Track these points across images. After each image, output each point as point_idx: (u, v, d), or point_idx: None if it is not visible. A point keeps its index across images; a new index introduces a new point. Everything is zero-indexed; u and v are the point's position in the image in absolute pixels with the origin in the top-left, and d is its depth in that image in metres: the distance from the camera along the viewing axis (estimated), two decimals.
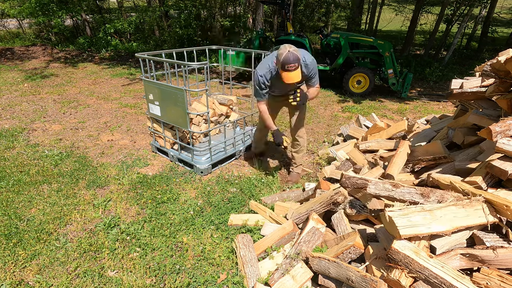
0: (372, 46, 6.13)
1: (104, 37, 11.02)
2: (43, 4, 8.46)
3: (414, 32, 10.38)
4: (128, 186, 3.01)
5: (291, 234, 2.15)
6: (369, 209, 2.06)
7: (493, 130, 1.74)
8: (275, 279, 1.82)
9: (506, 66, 1.92)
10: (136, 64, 9.24)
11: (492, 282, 1.40)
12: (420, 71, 8.29)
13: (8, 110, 5.14)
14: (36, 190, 2.91)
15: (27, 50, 9.98)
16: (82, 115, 5.02)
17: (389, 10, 13.80)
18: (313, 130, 4.56)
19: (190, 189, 3.00)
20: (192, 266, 2.10)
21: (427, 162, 2.43)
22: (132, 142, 4.03)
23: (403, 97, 6.28)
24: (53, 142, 3.95)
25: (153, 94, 3.19)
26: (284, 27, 6.62)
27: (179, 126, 3.16)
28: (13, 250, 2.20)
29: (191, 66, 3.00)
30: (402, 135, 3.22)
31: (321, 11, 14.04)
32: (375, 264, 1.66)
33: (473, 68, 3.12)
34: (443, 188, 1.84)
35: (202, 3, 9.73)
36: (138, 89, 6.61)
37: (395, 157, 2.52)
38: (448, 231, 1.52)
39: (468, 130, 2.43)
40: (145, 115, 4.95)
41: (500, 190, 1.74)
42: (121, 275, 2.02)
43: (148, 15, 10.41)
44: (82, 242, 2.29)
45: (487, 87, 2.33)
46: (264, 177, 3.21)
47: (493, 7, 9.82)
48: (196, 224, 2.49)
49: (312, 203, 2.26)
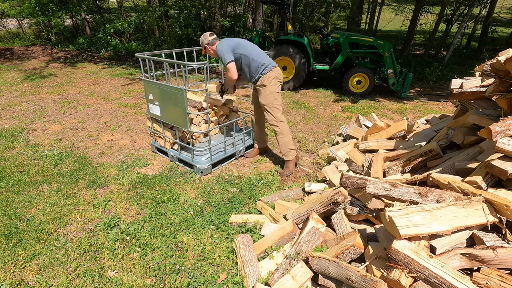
0: (372, 46, 6.13)
1: (104, 37, 11.02)
2: (43, 4, 8.46)
3: (414, 32, 10.38)
4: (128, 186, 3.01)
5: (291, 234, 2.15)
6: (369, 209, 2.07)
7: (493, 130, 1.74)
8: (275, 279, 1.82)
9: (506, 66, 1.92)
10: (136, 64, 9.23)
11: (492, 282, 1.40)
12: (420, 71, 8.29)
13: (8, 110, 5.13)
14: (36, 190, 2.91)
15: (27, 50, 9.98)
16: (82, 115, 5.02)
17: (389, 10, 13.80)
18: (313, 130, 4.56)
19: (190, 189, 3.00)
20: (192, 266, 2.10)
21: (415, 160, 2.46)
22: (132, 142, 4.03)
23: (403, 97, 6.28)
24: (53, 142, 3.95)
25: (153, 94, 3.19)
26: (284, 27, 6.62)
27: (179, 126, 3.16)
28: (13, 250, 2.20)
29: (191, 66, 3.00)
30: (402, 135, 3.22)
31: (321, 11, 14.04)
32: (375, 264, 1.66)
33: (473, 68, 3.12)
34: (442, 188, 1.84)
35: (202, 3, 9.73)
36: (138, 89, 6.61)
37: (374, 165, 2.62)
38: (448, 231, 1.52)
39: (468, 130, 2.43)
40: (145, 115, 4.95)
41: (500, 190, 1.74)
42: (121, 275, 2.02)
43: (148, 15, 10.41)
44: (82, 242, 2.29)
45: (487, 87, 2.33)
46: (264, 177, 3.21)
47: (493, 7, 9.83)
48: (196, 224, 2.49)
49: (312, 203, 2.27)
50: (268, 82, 2.95)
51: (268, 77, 2.94)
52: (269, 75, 2.94)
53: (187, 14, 9.96)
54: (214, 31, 9.98)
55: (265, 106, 3.04)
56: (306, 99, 6.14)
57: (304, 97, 6.31)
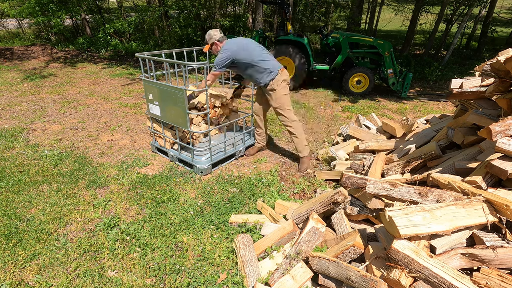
0: (371, 46, 6.13)
1: (104, 37, 11.01)
2: (43, 4, 8.45)
3: (414, 32, 10.38)
4: (128, 186, 3.01)
5: (291, 234, 2.15)
6: (369, 208, 2.07)
7: (493, 129, 1.74)
8: (275, 279, 1.82)
9: (506, 65, 1.92)
10: (136, 64, 9.23)
11: (492, 282, 1.40)
12: (420, 70, 8.29)
13: (7, 110, 5.13)
14: (36, 190, 2.91)
15: (27, 50, 9.97)
16: (82, 115, 5.02)
17: (389, 10, 13.80)
18: (313, 130, 4.56)
19: (190, 189, 3.00)
20: (192, 266, 2.10)
21: (416, 161, 2.46)
22: (132, 142, 4.03)
23: (403, 96, 6.28)
24: (53, 142, 3.95)
25: (153, 94, 3.19)
26: (284, 26, 6.62)
27: (179, 126, 3.16)
28: (13, 250, 2.20)
29: (191, 66, 3.00)
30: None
31: (321, 10, 14.04)
32: (375, 264, 1.66)
33: (473, 67, 3.12)
34: (442, 188, 1.84)
35: (202, 3, 9.72)
36: (138, 89, 6.61)
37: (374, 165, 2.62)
38: (448, 231, 1.52)
39: (468, 130, 2.43)
40: (145, 115, 4.95)
41: (500, 190, 1.74)
42: (121, 275, 2.02)
43: (148, 15, 10.40)
44: (82, 242, 2.29)
45: (487, 87, 2.33)
46: (264, 177, 3.21)
47: (492, 7, 9.83)
48: (196, 224, 2.49)
49: (312, 203, 2.27)
50: (277, 86, 3.02)
51: (277, 81, 3.01)
52: (277, 79, 3.01)
53: (187, 14, 9.95)
54: None
55: (277, 109, 3.12)
56: (306, 99, 6.14)
57: (304, 97, 6.31)
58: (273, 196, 2.84)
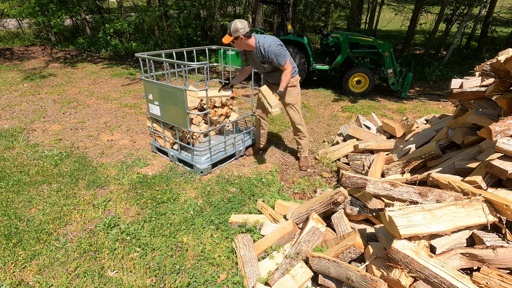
0: (371, 46, 6.13)
1: (104, 37, 11.02)
2: (43, 4, 8.46)
3: (414, 32, 10.38)
4: (128, 186, 3.01)
5: (291, 234, 2.15)
6: (369, 208, 2.07)
7: (493, 129, 1.74)
8: (275, 279, 1.82)
9: (506, 65, 1.92)
10: (136, 64, 9.23)
11: (492, 282, 1.40)
12: (420, 70, 8.29)
13: (7, 110, 5.13)
14: (36, 190, 2.91)
15: (27, 50, 9.98)
16: (82, 115, 5.02)
17: (389, 10, 13.81)
18: (313, 130, 4.56)
19: (190, 189, 3.00)
20: (192, 266, 2.10)
21: (416, 161, 2.46)
22: (132, 142, 4.03)
23: (403, 96, 6.28)
24: (53, 142, 3.95)
25: (153, 94, 3.19)
26: (284, 26, 6.62)
27: (179, 126, 3.16)
28: (13, 250, 2.20)
29: (191, 66, 3.00)
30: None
31: (320, 10, 14.04)
32: (375, 264, 1.66)
33: (473, 67, 3.12)
34: (442, 188, 1.84)
35: (202, 3, 9.72)
36: (138, 89, 6.61)
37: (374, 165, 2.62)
38: (448, 231, 1.52)
39: (468, 130, 2.43)
40: (145, 115, 4.95)
41: (500, 190, 1.74)
42: (121, 275, 2.02)
43: (148, 15, 10.41)
44: (82, 242, 2.29)
45: (487, 87, 2.33)
46: (264, 177, 3.21)
47: (492, 7, 9.83)
48: (196, 224, 2.49)
49: (312, 203, 2.27)
50: (297, 83, 3.10)
51: (297, 79, 3.09)
52: (296, 77, 3.09)
53: (186, 14, 9.95)
54: (214, 31, 9.99)
55: (294, 105, 3.16)
56: (306, 99, 6.14)
57: (304, 97, 6.31)
58: (273, 196, 2.85)
